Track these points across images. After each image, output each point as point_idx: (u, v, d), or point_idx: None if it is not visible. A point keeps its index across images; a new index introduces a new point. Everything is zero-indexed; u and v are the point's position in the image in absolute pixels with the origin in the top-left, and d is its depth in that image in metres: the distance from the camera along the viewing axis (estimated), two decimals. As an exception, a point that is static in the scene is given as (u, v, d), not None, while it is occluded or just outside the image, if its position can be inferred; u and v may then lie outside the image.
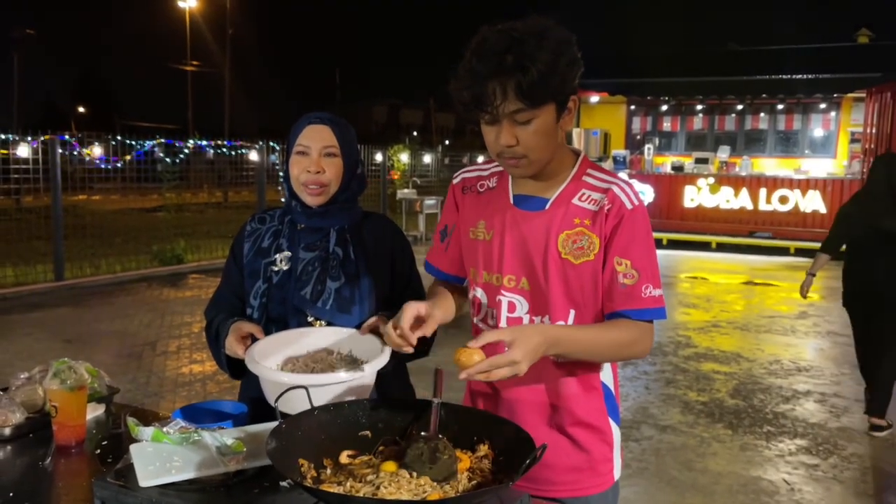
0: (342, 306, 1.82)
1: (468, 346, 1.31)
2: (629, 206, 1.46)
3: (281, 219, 1.94)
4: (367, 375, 1.55)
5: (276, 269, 1.86)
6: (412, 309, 1.42)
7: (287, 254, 1.87)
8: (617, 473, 1.62)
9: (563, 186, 1.51)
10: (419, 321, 1.43)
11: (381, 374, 1.69)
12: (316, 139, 1.83)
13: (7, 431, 1.69)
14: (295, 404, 1.39)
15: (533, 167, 1.46)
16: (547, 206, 1.50)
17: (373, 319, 1.73)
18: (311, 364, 1.66)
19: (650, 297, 1.45)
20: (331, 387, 1.51)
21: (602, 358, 1.52)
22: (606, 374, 1.59)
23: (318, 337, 1.76)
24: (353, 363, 1.65)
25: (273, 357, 1.67)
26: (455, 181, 1.68)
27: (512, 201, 1.54)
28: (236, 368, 1.83)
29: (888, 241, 4.18)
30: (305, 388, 1.40)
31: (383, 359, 1.57)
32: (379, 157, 14.72)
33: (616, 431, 1.61)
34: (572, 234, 1.47)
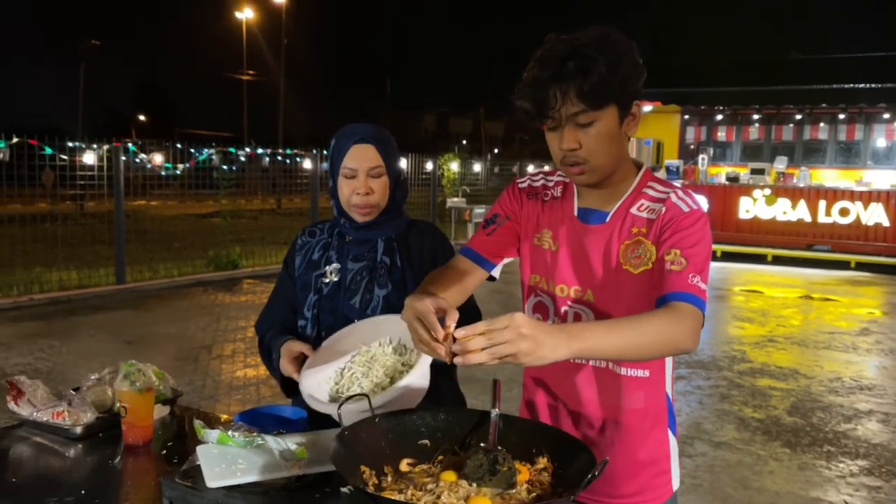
0: (390, 312, 1.85)
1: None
2: (685, 209, 1.43)
3: (330, 231, 2.00)
4: (419, 377, 1.56)
5: (326, 280, 1.92)
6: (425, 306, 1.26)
7: (336, 266, 1.93)
8: (675, 484, 1.60)
9: (624, 198, 1.50)
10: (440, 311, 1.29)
11: (434, 385, 1.69)
12: (362, 160, 1.87)
13: (79, 430, 1.76)
14: (352, 414, 1.41)
15: (596, 174, 1.44)
16: (608, 219, 1.50)
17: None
18: (365, 367, 1.68)
19: (695, 286, 1.33)
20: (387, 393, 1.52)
21: (644, 344, 1.27)
22: (668, 386, 1.57)
23: (364, 331, 1.76)
24: (403, 351, 1.66)
25: (326, 369, 1.69)
26: (521, 184, 1.64)
27: (576, 214, 1.54)
28: (289, 386, 1.86)
29: None
30: (367, 396, 1.42)
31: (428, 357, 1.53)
32: (429, 165, 14.81)
33: (673, 442, 1.60)
34: (630, 244, 1.46)
